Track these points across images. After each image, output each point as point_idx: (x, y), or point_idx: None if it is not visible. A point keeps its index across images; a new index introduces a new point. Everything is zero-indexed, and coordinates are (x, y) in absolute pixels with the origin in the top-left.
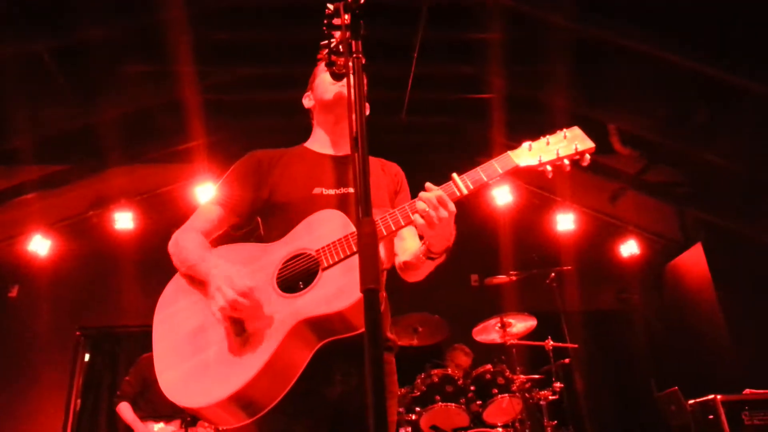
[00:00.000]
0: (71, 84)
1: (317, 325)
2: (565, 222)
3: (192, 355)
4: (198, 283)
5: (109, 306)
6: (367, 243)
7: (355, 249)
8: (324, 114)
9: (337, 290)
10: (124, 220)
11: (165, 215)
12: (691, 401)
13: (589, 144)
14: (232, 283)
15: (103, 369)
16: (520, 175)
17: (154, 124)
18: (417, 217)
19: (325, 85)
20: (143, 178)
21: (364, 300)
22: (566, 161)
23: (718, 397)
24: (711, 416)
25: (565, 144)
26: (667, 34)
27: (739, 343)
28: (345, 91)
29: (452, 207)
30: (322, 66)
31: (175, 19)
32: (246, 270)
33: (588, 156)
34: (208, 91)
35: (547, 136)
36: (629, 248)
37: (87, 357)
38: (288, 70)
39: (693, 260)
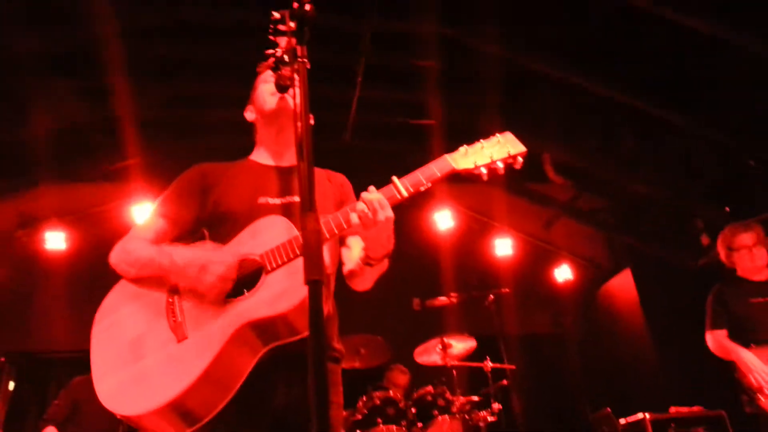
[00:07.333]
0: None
1: (260, 328)
2: (503, 247)
3: (132, 363)
4: (153, 281)
5: (38, 331)
6: (311, 237)
7: (298, 252)
8: (266, 125)
9: (281, 292)
10: (55, 240)
11: (99, 236)
12: (623, 421)
13: (521, 148)
14: (220, 259)
15: (29, 398)
16: (456, 178)
17: (88, 141)
18: (354, 217)
19: (265, 96)
20: (76, 197)
21: (308, 291)
22: (500, 164)
23: (647, 415)
24: None
25: (498, 148)
26: (595, 68)
27: (665, 363)
28: (287, 101)
29: (390, 212)
30: (262, 77)
31: (109, 33)
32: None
33: (520, 159)
34: (144, 109)
35: (482, 141)
36: (563, 273)
37: (11, 385)
38: (228, 89)
39: (623, 285)
